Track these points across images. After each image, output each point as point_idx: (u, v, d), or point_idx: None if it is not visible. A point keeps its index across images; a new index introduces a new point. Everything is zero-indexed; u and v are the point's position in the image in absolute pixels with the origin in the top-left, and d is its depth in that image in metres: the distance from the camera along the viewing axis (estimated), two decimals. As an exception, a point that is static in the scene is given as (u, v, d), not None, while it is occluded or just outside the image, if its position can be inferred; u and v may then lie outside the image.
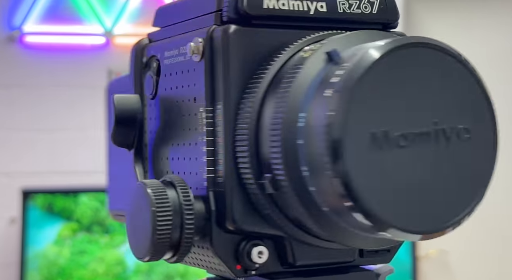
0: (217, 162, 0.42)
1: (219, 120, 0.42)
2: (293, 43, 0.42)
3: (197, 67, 0.43)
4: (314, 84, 0.38)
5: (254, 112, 0.41)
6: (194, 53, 0.43)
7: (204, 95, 0.43)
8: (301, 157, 0.38)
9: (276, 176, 0.39)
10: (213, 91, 0.42)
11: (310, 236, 0.42)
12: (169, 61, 0.46)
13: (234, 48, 0.42)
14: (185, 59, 0.44)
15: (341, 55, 0.38)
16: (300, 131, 0.38)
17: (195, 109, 0.43)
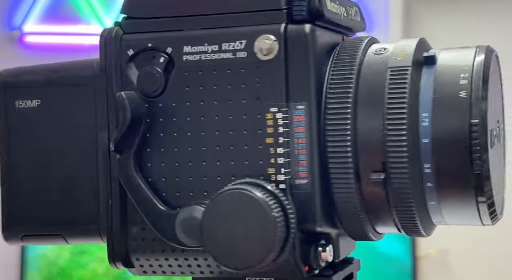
0: (299, 163, 0.41)
1: (300, 121, 0.41)
2: (337, 44, 0.44)
3: (263, 66, 0.41)
4: (433, 85, 0.42)
5: (350, 113, 0.41)
6: (264, 52, 0.41)
7: (279, 95, 0.41)
8: (424, 155, 0.40)
9: (391, 174, 0.41)
10: (290, 90, 0.41)
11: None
12: (194, 57, 0.43)
13: (314, 47, 0.41)
14: (236, 56, 0.42)
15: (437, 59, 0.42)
16: (425, 130, 0.41)
17: (258, 109, 0.42)
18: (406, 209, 0.42)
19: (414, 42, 0.44)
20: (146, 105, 0.43)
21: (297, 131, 0.41)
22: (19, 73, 0.49)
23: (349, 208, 0.42)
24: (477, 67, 0.42)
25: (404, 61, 0.42)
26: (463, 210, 0.42)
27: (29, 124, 0.48)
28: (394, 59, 0.43)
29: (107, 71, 0.44)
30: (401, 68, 0.42)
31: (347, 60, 0.43)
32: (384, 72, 0.42)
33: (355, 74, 0.42)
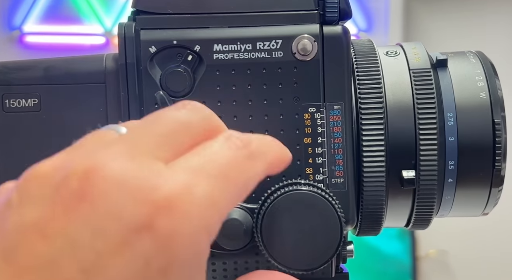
0: (335, 162, 0.42)
1: (337, 121, 0.42)
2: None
3: (301, 66, 0.41)
4: (452, 87, 0.44)
5: (383, 113, 0.43)
6: (304, 52, 0.41)
7: (317, 95, 0.41)
8: (449, 152, 0.43)
9: (421, 172, 0.43)
10: (326, 91, 0.42)
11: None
12: (226, 56, 0.41)
13: (348, 48, 0.42)
14: (272, 56, 0.41)
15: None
16: (451, 129, 0.43)
17: (296, 109, 0.41)
18: (428, 204, 0.44)
19: (420, 45, 0.47)
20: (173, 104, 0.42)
21: (334, 131, 0.42)
22: (12, 68, 0.44)
23: (375, 206, 0.44)
24: (489, 72, 0.45)
25: (424, 63, 0.45)
26: (472, 203, 0.46)
27: (24, 126, 0.43)
28: (413, 61, 0.45)
29: (128, 69, 0.42)
30: (424, 70, 0.44)
31: (371, 60, 0.44)
32: (405, 74, 0.44)
33: (381, 75, 0.44)
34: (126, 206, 0.24)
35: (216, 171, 0.26)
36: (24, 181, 0.25)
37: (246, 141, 0.28)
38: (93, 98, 0.42)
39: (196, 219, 0.25)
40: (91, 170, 0.24)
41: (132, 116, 0.42)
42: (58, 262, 0.23)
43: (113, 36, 1.95)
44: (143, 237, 0.23)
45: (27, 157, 0.42)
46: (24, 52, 1.92)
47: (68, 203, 0.24)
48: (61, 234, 0.23)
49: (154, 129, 0.27)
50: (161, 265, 0.24)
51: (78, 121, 0.42)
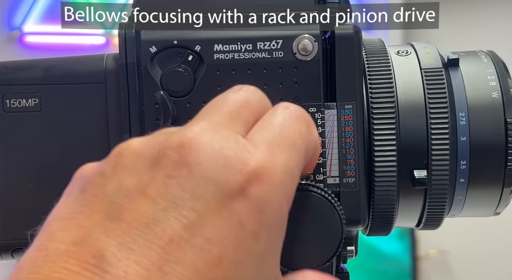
0: (347, 162, 0.42)
1: (348, 120, 0.41)
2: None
3: (302, 66, 0.41)
4: (464, 86, 0.44)
5: (394, 112, 0.43)
6: (305, 52, 0.41)
7: (317, 95, 0.41)
8: (461, 152, 0.43)
9: (433, 171, 0.43)
10: (338, 90, 0.42)
11: None
12: (227, 56, 0.41)
13: (360, 47, 0.42)
14: (272, 56, 0.41)
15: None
16: (463, 129, 0.43)
17: None
18: (439, 204, 0.44)
19: (431, 45, 0.46)
20: (174, 104, 0.42)
21: (345, 130, 0.42)
22: (12, 68, 0.44)
23: (386, 206, 0.44)
24: (501, 71, 0.45)
25: (435, 63, 0.45)
26: (484, 203, 0.45)
27: (24, 126, 0.43)
28: (424, 60, 0.45)
29: (129, 69, 0.42)
30: (435, 69, 0.44)
31: (382, 60, 0.45)
32: (417, 73, 0.44)
33: (393, 74, 0.44)
34: (220, 174, 0.26)
35: (287, 142, 0.29)
36: (114, 156, 0.28)
37: (299, 111, 0.31)
38: (93, 98, 0.43)
39: (280, 187, 0.27)
40: (185, 143, 0.27)
41: (132, 116, 0.42)
42: (162, 219, 0.25)
43: (113, 36, 1.95)
44: (237, 201, 0.26)
45: (27, 157, 0.42)
46: (24, 52, 1.92)
47: (167, 170, 0.26)
48: (163, 195, 0.26)
49: (222, 108, 0.30)
50: (254, 228, 0.26)
51: (78, 121, 0.43)
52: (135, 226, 0.25)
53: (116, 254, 0.24)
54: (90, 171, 0.28)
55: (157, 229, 0.25)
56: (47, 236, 0.26)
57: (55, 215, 0.27)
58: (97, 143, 0.42)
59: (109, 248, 0.24)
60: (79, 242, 0.25)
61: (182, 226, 0.25)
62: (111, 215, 0.26)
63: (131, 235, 0.25)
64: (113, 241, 0.25)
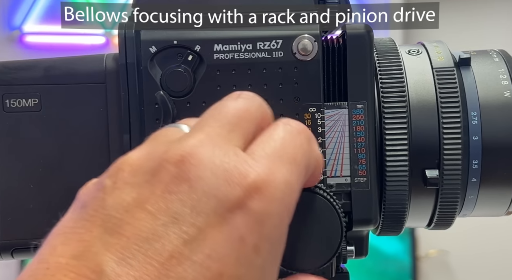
0: (358, 161, 0.41)
1: (359, 120, 0.41)
2: None
3: (301, 66, 0.41)
4: (475, 86, 0.44)
5: (406, 112, 0.43)
6: (305, 52, 0.41)
7: (317, 95, 0.41)
8: (473, 151, 0.43)
9: (444, 171, 0.43)
10: (349, 89, 0.42)
11: None
12: (226, 56, 0.41)
13: (371, 47, 0.42)
14: (272, 56, 0.41)
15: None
16: (475, 128, 0.43)
17: (296, 109, 0.41)
18: (451, 204, 0.44)
19: (443, 44, 0.46)
20: (173, 104, 0.42)
21: (357, 130, 0.42)
22: (12, 68, 0.44)
23: (397, 205, 0.44)
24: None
25: (447, 62, 0.44)
26: (495, 203, 0.45)
27: (24, 126, 0.43)
28: (436, 60, 0.45)
29: (129, 69, 0.42)
30: (447, 68, 0.44)
31: (393, 59, 0.44)
32: (428, 72, 0.44)
33: (404, 73, 0.44)
34: (220, 188, 0.26)
35: (288, 157, 0.29)
36: (115, 171, 0.28)
37: (301, 126, 0.31)
38: (93, 98, 0.42)
39: (281, 201, 0.27)
40: (185, 157, 0.27)
41: (132, 116, 0.42)
42: (162, 235, 0.25)
43: (113, 36, 1.95)
44: (238, 215, 0.26)
45: (27, 157, 0.42)
46: (24, 52, 1.92)
47: (167, 185, 0.26)
48: (163, 210, 0.26)
49: (220, 119, 0.29)
50: (254, 242, 0.26)
51: (78, 121, 0.42)
52: (135, 241, 0.25)
53: (116, 269, 0.24)
54: (91, 187, 0.28)
55: (157, 245, 0.25)
56: (48, 249, 0.26)
57: (58, 230, 0.27)
58: (97, 143, 0.42)
59: (108, 262, 0.24)
60: (79, 256, 0.25)
61: (182, 242, 0.25)
62: (110, 229, 0.25)
63: (131, 250, 0.25)
64: (112, 255, 0.25)
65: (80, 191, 0.29)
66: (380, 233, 0.46)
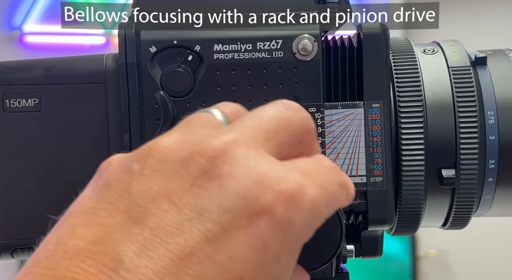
0: (374, 161, 0.41)
1: (375, 119, 0.41)
2: None
3: (301, 66, 0.41)
4: (492, 85, 0.44)
5: (422, 111, 0.42)
6: (304, 52, 0.41)
7: (317, 95, 0.41)
8: (490, 151, 0.43)
9: (461, 171, 0.42)
10: (365, 89, 0.41)
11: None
12: (226, 56, 0.41)
13: (388, 46, 0.42)
14: (272, 56, 0.41)
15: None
16: (492, 128, 0.43)
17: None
18: (467, 204, 0.44)
19: (458, 43, 0.46)
20: (173, 104, 0.41)
21: (372, 129, 0.42)
22: (12, 68, 0.44)
23: (413, 205, 0.43)
24: None
25: (463, 61, 0.44)
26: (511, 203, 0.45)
27: (24, 126, 0.43)
28: (451, 59, 0.45)
29: (129, 69, 0.41)
30: (463, 68, 0.44)
31: (409, 58, 0.44)
32: (444, 72, 0.44)
33: (420, 72, 0.44)
34: (251, 190, 0.26)
35: (320, 181, 0.28)
36: (144, 155, 0.27)
37: (336, 167, 0.30)
38: (93, 98, 0.42)
39: (307, 216, 0.27)
40: (218, 153, 0.26)
41: (132, 116, 0.42)
42: (185, 229, 0.25)
43: (113, 36, 1.95)
44: (264, 220, 0.25)
45: (27, 157, 0.42)
46: (24, 52, 1.92)
47: (196, 179, 0.26)
48: (190, 204, 0.25)
49: (260, 125, 0.28)
50: (276, 250, 0.26)
51: (78, 121, 0.42)
52: (157, 234, 0.24)
53: (135, 260, 0.24)
54: (117, 167, 0.27)
55: (179, 240, 0.24)
56: (67, 229, 0.25)
57: (77, 208, 0.26)
58: (97, 143, 0.42)
59: (128, 252, 0.24)
60: (99, 241, 0.24)
61: (205, 240, 0.25)
62: (134, 218, 0.25)
63: (152, 242, 0.24)
64: (133, 246, 0.24)
65: (102, 165, 0.28)
66: (395, 233, 0.46)
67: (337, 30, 0.45)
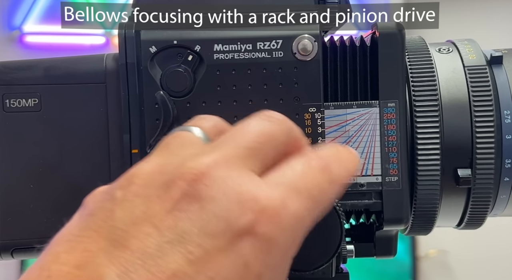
0: (389, 161, 0.41)
1: (391, 118, 0.41)
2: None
3: (301, 66, 0.41)
4: (508, 84, 0.44)
5: (438, 110, 0.42)
6: (304, 52, 0.41)
7: (317, 95, 0.41)
8: (506, 150, 0.43)
9: (477, 170, 0.42)
10: (380, 88, 0.42)
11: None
12: (226, 56, 0.41)
13: (403, 46, 0.42)
14: (272, 56, 0.41)
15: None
16: (508, 127, 0.43)
17: (296, 109, 0.41)
18: (483, 203, 0.44)
19: (474, 42, 0.46)
20: (173, 104, 0.42)
21: (388, 129, 0.42)
22: (12, 68, 0.44)
23: (428, 205, 0.43)
24: None
25: (479, 61, 0.44)
26: None
27: (24, 126, 0.43)
28: (467, 58, 0.44)
29: (129, 69, 0.42)
30: (479, 67, 0.44)
31: (424, 57, 0.44)
32: (460, 71, 0.44)
33: (435, 72, 0.44)
34: (231, 211, 0.26)
35: (304, 192, 0.28)
36: (126, 182, 0.27)
37: (326, 164, 0.29)
38: (93, 98, 0.42)
39: (290, 231, 0.27)
40: (198, 176, 0.26)
41: (132, 116, 0.42)
42: (167, 251, 0.25)
43: (113, 36, 1.95)
44: (245, 240, 0.26)
45: (27, 157, 0.42)
46: (24, 52, 1.92)
47: (178, 202, 0.26)
48: (171, 227, 0.25)
49: (241, 141, 0.28)
50: (258, 270, 0.26)
51: (78, 121, 0.42)
52: (139, 256, 0.25)
53: None
54: (100, 196, 0.28)
55: (160, 262, 0.25)
56: (51, 257, 0.26)
57: (62, 237, 0.27)
58: (97, 143, 0.42)
59: (111, 275, 0.24)
60: (82, 266, 0.25)
61: (187, 262, 0.25)
62: (116, 241, 0.25)
63: (134, 264, 0.24)
64: (115, 268, 0.24)
65: (87, 198, 0.28)
66: (409, 232, 0.46)
67: (337, 30, 0.45)
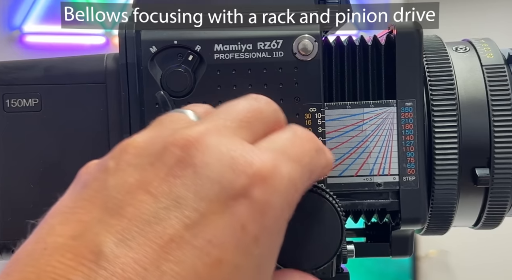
0: (407, 160, 0.41)
1: (408, 118, 0.41)
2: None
3: (302, 66, 0.41)
4: None
5: (456, 110, 0.42)
6: (305, 52, 0.41)
7: (318, 95, 0.41)
8: None
9: (495, 170, 0.42)
10: (398, 88, 0.41)
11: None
12: (227, 56, 0.41)
13: (421, 45, 0.42)
14: (273, 56, 0.41)
15: None
16: None
17: (297, 109, 0.41)
18: (501, 203, 0.44)
19: (491, 41, 0.46)
20: (174, 104, 0.41)
21: (405, 128, 0.42)
22: (12, 68, 0.44)
23: (445, 205, 0.43)
24: None
25: (496, 60, 0.44)
26: None
27: (25, 126, 0.43)
28: (485, 57, 0.44)
29: (129, 69, 0.42)
30: (497, 66, 0.44)
31: (441, 56, 0.44)
32: (477, 70, 0.44)
33: (453, 71, 0.44)
34: (225, 175, 0.26)
35: (294, 156, 0.29)
36: (118, 152, 0.28)
37: (312, 135, 0.31)
38: (93, 98, 0.42)
39: (284, 194, 0.27)
40: (191, 142, 0.27)
41: (132, 116, 0.42)
42: (163, 218, 0.25)
43: (113, 36, 1.95)
44: (240, 203, 0.26)
45: (27, 157, 0.42)
46: (24, 52, 1.92)
47: (171, 169, 0.26)
48: (166, 193, 0.26)
49: (232, 114, 0.29)
50: (255, 232, 0.26)
51: (78, 121, 0.42)
52: (135, 223, 0.25)
53: (115, 250, 0.24)
54: (94, 168, 0.28)
55: (157, 228, 0.25)
56: (46, 229, 0.26)
57: (57, 209, 0.27)
58: (97, 143, 0.42)
59: (107, 243, 0.24)
60: (78, 236, 0.25)
61: (183, 226, 0.25)
62: (111, 210, 0.25)
63: (131, 232, 0.25)
64: (112, 237, 0.24)
65: (80, 170, 0.28)
66: (426, 232, 0.46)
67: (337, 30, 0.45)
